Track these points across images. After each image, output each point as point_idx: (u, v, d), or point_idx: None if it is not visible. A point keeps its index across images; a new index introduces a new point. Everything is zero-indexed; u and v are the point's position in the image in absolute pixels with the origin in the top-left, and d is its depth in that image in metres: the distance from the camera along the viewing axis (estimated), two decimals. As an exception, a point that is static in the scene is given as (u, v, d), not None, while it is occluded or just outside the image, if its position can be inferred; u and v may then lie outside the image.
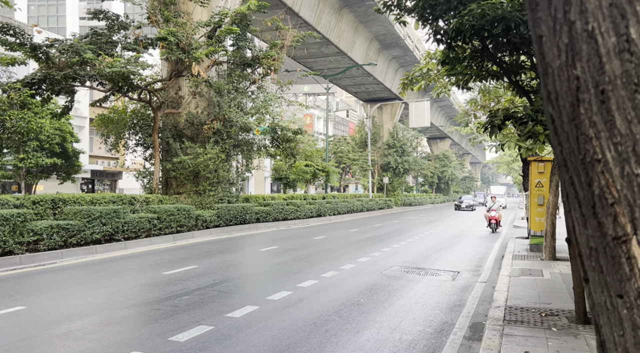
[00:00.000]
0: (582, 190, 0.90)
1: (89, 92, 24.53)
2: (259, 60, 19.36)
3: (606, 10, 0.82)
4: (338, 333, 5.81)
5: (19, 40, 14.67)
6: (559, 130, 0.94)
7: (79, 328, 5.79)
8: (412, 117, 41.97)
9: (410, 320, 6.50)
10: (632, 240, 0.82)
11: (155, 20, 17.60)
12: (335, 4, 29.11)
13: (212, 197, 18.59)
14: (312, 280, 8.95)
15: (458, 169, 76.07)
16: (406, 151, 48.02)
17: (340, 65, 35.17)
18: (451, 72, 7.91)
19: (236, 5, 20.03)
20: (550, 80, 0.94)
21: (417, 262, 11.73)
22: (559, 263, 10.85)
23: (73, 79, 15.29)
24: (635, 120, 0.80)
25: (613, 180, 0.84)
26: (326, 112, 34.27)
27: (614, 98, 0.82)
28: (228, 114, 18.73)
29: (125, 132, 20.05)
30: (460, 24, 6.27)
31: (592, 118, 0.86)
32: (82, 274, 9.69)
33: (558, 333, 5.61)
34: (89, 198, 14.00)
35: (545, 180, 12.57)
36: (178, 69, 17.76)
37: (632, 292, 0.83)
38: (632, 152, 0.81)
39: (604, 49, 0.83)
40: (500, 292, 7.88)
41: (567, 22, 0.87)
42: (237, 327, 5.96)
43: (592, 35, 0.84)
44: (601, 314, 0.90)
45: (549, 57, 0.93)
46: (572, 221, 0.96)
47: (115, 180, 39.56)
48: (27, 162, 19.19)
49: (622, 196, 0.83)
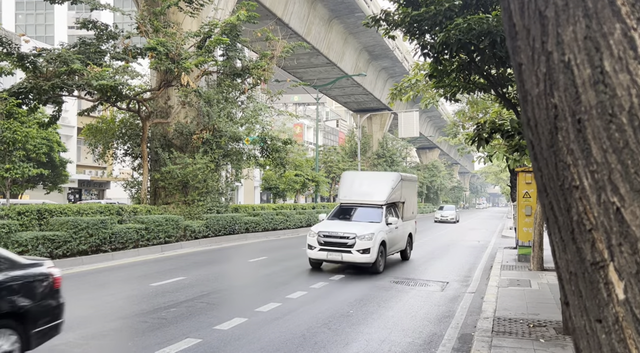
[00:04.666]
0: (561, 215, 0.92)
1: (77, 101, 24.38)
2: (249, 70, 19.40)
3: (581, 43, 0.84)
4: (327, 345, 5.78)
5: (5, 50, 14.56)
6: (538, 157, 0.96)
7: (65, 342, 5.69)
8: (402, 127, 42.28)
9: (400, 331, 6.49)
10: (609, 266, 0.84)
11: (144, 30, 17.59)
12: (325, 15, 29.35)
13: (201, 207, 18.47)
14: (301, 291, 8.91)
15: (447, 179, 76.55)
16: (395, 161, 48.28)
17: (330, 75, 35.36)
18: (439, 84, 8.00)
19: (226, 15, 20.10)
20: (530, 107, 0.96)
21: (407, 272, 11.75)
22: (547, 273, 10.93)
23: (61, 88, 15.18)
24: (611, 150, 0.82)
25: (590, 207, 0.86)
26: (316, 121, 34.40)
27: (590, 127, 0.84)
28: (217, 123, 18.69)
29: (114, 142, 19.91)
30: (447, 37, 6.36)
31: (569, 146, 0.88)
32: (68, 286, 9.53)
33: (546, 344, 5.63)
34: (75, 208, 13.84)
35: (532, 190, 12.70)
36: (167, 78, 17.72)
37: (610, 317, 0.84)
38: (608, 180, 0.83)
39: (579, 80, 0.85)
40: (489, 303, 7.91)
41: (545, 52, 0.90)
42: (225, 339, 5.90)
43: (569, 66, 0.86)
44: (581, 338, 0.92)
45: (528, 84, 0.95)
46: (552, 245, 0.98)
47: (103, 189, 39.19)
48: (13, 172, 18.95)
49: (599, 223, 0.85)
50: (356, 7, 28.82)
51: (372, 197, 12.34)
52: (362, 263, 10.91)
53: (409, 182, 14.34)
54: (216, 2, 19.50)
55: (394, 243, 12.34)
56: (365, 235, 10.85)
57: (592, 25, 0.83)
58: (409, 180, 14.22)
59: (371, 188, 12.59)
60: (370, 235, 10.86)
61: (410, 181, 14.58)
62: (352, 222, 12.02)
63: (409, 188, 14.23)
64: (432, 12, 6.26)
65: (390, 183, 12.66)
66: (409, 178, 14.46)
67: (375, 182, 12.94)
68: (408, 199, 13.99)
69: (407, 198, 13.89)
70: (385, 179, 13.05)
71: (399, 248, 13.06)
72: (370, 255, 10.74)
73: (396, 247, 12.64)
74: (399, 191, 12.99)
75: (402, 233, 13.09)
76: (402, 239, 13.16)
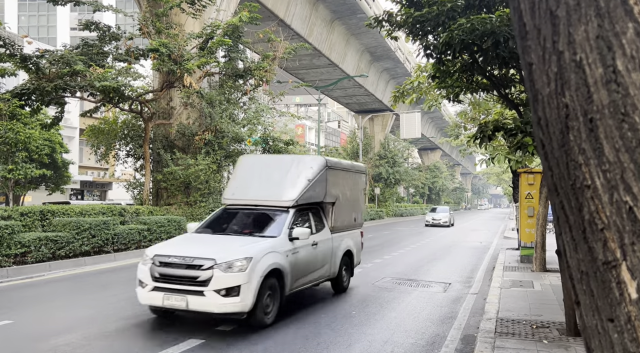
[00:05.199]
0: (572, 214, 0.92)
1: (79, 102, 24.44)
2: (251, 71, 19.43)
3: (593, 42, 0.84)
4: (330, 346, 5.78)
5: (9, 51, 14.60)
6: (549, 156, 0.96)
7: (67, 343, 5.70)
8: (403, 128, 42.27)
9: (402, 332, 6.48)
10: (621, 266, 0.84)
11: (147, 31, 17.62)
12: (326, 17, 29.37)
13: (203, 208, 18.48)
14: (303, 293, 8.90)
15: (449, 180, 76.56)
16: (397, 162, 48.23)
17: (332, 76, 35.38)
18: (442, 85, 8.01)
19: (228, 17, 20.14)
20: (540, 106, 0.96)
21: (409, 273, 11.73)
22: (549, 274, 10.92)
23: (63, 89, 15.22)
24: (623, 149, 0.82)
25: (602, 206, 0.86)
26: (318, 122, 34.41)
27: (602, 127, 0.84)
28: (219, 124, 18.72)
29: (116, 143, 19.96)
30: (450, 38, 6.37)
31: (581, 145, 0.88)
32: (71, 287, 9.56)
33: (549, 345, 5.62)
34: (78, 209, 13.86)
35: (535, 191, 12.68)
36: (169, 80, 17.75)
37: (622, 316, 0.84)
38: (620, 179, 0.83)
39: (591, 79, 0.85)
40: (492, 304, 7.89)
41: (556, 51, 0.90)
42: (227, 340, 5.90)
43: (580, 65, 0.86)
44: (593, 337, 0.91)
45: (539, 84, 0.95)
46: (563, 244, 0.98)
47: (105, 190, 39.26)
48: (15, 173, 18.99)
49: (611, 222, 0.85)
50: (358, 9, 28.84)
51: (274, 194, 7.92)
52: (225, 314, 6.17)
53: (345, 173, 9.37)
54: (218, 4, 19.54)
55: (310, 270, 7.77)
56: (233, 262, 6.16)
57: (604, 24, 0.83)
58: (342, 170, 9.28)
59: (274, 181, 8.14)
60: (243, 261, 6.21)
61: (347, 171, 9.50)
62: (228, 236, 7.45)
63: (345, 182, 9.34)
64: (435, 12, 6.27)
65: (306, 174, 8.09)
66: (344, 167, 9.41)
67: (281, 172, 8.30)
68: (343, 198, 9.18)
69: (342, 197, 9.10)
70: (298, 167, 8.29)
71: (322, 277, 8.31)
72: (240, 298, 6.05)
73: (315, 276, 8.00)
74: (321, 185, 8.31)
75: (329, 252, 8.40)
76: (329, 262, 8.41)
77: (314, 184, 8.11)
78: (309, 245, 7.69)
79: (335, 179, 8.82)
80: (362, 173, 10.50)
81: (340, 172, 9.17)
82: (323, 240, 8.25)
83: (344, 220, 9.22)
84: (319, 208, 8.64)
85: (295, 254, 7.25)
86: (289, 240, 7.20)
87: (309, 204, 8.23)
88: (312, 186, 8.05)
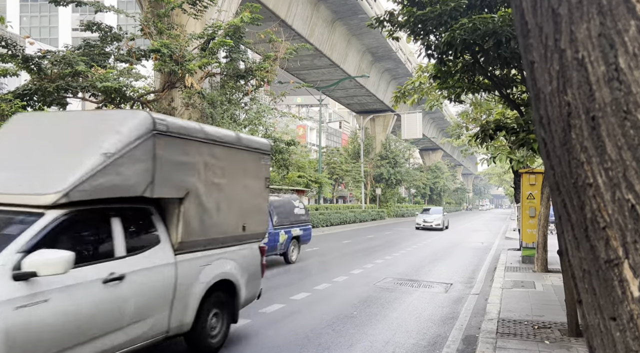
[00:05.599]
0: (574, 213, 0.92)
1: (81, 103, 24.47)
2: (252, 72, 19.44)
3: (595, 40, 0.84)
4: (331, 346, 5.77)
5: (11, 52, 14.64)
6: (551, 154, 0.96)
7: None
8: (405, 128, 42.27)
9: (404, 333, 6.48)
10: (624, 264, 0.84)
11: (148, 32, 17.65)
12: (328, 17, 29.39)
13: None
14: (305, 293, 8.91)
15: (450, 180, 76.51)
16: (398, 162, 48.23)
17: (333, 77, 35.39)
18: (443, 85, 8.00)
19: (229, 17, 20.17)
20: (542, 105, 0.96)
21: (410, 273, 11.73)
22: (551, 275, 10.90)
23: (65, 90, 15.25)
24: (625, 147, 0.82)
25: (604, 205, 0.85)
26: (319, 123, 34.42)
27: (604, 124, 0.84)
28: (221, 125, 18.73)
29: (117, 143, 19.96)
30: (451, 37, 6.36)
31: (583, 143, 0.88)
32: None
33: (551, 346, 5.62)
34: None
35: (536, 192, 12.66)
36: (171, 80, 17.77)
37: (625, 314, 0.84)
38: (623, 177, 0.83)
39: (593, 77, 0.85)
40: (493, 304, 7.88)
41: (558, 49, 0.90)
42: (227, 341, 5.90)
43: (582, 63, 0.86)
44: (595, 336, 0.91)
45: (541, 82, 0.95)
46: (565, 243, 0.98)
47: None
48: (17, 173, 19.02)
49: (613, 220, 0.85)
50: (359, 9, 28.85)
51: (24, 183, 4.12)
52: None
53: (218, 149, 5.46)
54: (220, 4, 19.58)
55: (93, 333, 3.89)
56: None
57: (606, 22, 0.83)
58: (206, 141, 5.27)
59: (38, 158, 4.40)
60: None
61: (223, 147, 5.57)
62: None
63: (219, 163, 5.46)
64: (437, 11, 6.27)
65: (103, 143, 4.27)
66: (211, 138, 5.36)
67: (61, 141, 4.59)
68: (213, 192, 5.36)
69: (207, 190, 5.25)
70: (93, 131, 4.56)
71: (147, 336, 4.48)
72: None
73: (119, 339, 4.13)
74: (140, 166, 4.45)
75: (165, 289, 4.67)
76: (167, 307, 4.70)
77: (120, 162, 4.26)
78: (91, 282, 3.94)
79: (183, 156, 4.93)
80: (262, 152, 6.43)
81: (200, 144, 5.16)
82: (148, 269, 4.51)
83: (215, 230, 5.41)
84: (147, 209, 4.82)
85: (36, 307, 3.51)
86: (12, 281, 3.44)
87: (110, 200, 4.35)
88: (113, 166, 4.20)
